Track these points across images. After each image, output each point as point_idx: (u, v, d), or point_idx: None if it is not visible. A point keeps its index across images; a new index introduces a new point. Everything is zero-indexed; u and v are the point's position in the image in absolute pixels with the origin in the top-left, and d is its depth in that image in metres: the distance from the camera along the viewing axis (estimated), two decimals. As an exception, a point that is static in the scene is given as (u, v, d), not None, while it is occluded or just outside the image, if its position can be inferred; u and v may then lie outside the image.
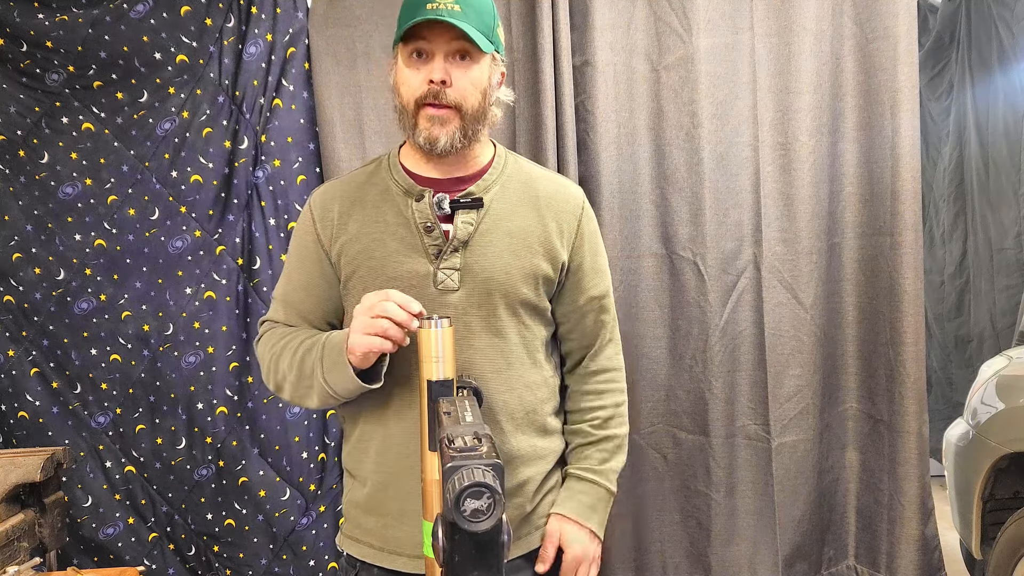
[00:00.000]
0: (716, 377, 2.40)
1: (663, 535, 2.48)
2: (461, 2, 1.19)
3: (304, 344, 1.24)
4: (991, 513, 2.31)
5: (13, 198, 2.36)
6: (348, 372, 1.15)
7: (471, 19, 1.19)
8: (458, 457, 0.82)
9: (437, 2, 1.18)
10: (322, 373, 1.19)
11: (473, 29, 1.19)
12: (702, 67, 2.35)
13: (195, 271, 2.40)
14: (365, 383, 1.17)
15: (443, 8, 1.17)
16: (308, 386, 1.22)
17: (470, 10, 1.20)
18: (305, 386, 1.23)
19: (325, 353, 1.19)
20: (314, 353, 1.21)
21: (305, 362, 1.22)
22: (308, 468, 2.45)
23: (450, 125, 1.22)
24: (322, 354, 1.19)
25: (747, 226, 2.41)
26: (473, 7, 1.20)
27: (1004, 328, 3.71)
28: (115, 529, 2.42)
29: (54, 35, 2.30)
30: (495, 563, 0.82)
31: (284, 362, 1.26)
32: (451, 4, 1.18)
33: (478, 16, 1.21)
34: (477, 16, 1.20)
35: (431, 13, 1.17)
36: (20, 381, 2.38)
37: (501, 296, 1.27)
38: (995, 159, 3.74)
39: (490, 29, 1.23)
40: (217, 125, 2.37)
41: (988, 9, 3.70)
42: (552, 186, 1.36)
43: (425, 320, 1.10)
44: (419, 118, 1.22)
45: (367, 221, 1.28)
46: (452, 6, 1.18)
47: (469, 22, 1.19)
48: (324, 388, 1.20)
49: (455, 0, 1.18)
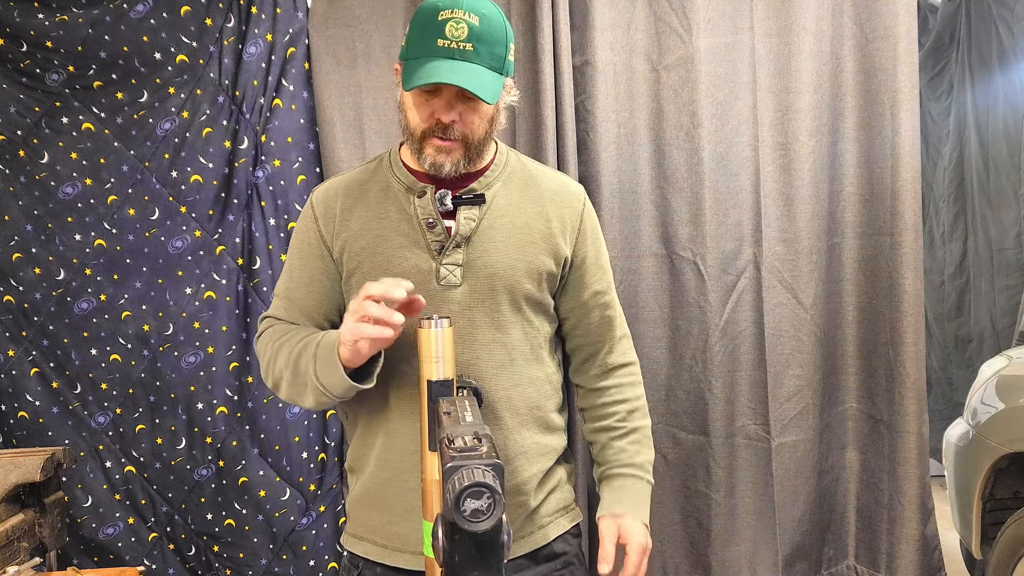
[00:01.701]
0: (716, 377, 2.40)
1: (663, 535, 2.48)
2: (474, 38, 1.15)
3: (300, 343, 1.24)
4: (991, 513, 2.31)
5: (13, 198, 2.36)
6: (339, 372, 1.15)
7: (483, 57, 1.17)
8: (458, 457, 0.82)
9: (449, 39, 1.15)
10: (315, 373, 1.19)
11: (486, 72, 1.16)
12: (702, 67, 2.35)
13: (195, 271, 2.40)
14: (358, 382, 1.17)
15: (455, 48, 1.15)
16: (303, 385, 1.22)
17: (483, 46, 1.16)
18: (300, 385, 1.23)
19: (319, 353, 1.19)
20: (308, 352, 1.21)
21: (300, 361, 1.22)
22: (308, 468, 2.45)
23: (455, 154, 1.23)
24: (315, 353, 1.19)
25: (747, 226, 2.41)
26: (486, 40, 1.17)
27: (1004, 328, 3.71)
28: (115, 529, 2.43)
29: (54, 35, 2.30)
30: (495, 563, 0.82)
31: (280, 360, 1.26)
32: (463, 42, 1.15)
33: (490, 51, 1.17)
34: (489, 51, 1.17)
35: (442, 55, 1.15)
36: (20, 381, 2.38)
37: (504, 292, 1.27)
38: (995, 159, 3.74)
39: (502, 60, 1.20)
40: (217, 125, 2.37)
41: (988, 9, 3.70)
42: (554, 183, 1.36)
43: (425, 320, 1.10)
44: (425, 146, 1.23)
45: (370, 218, 1.28)
46: (465, 45, 1.15)
47: (481, 62, 1.16)
48: (318, 388, 1.19)
49: (468, 37, 1.15)
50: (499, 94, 1.20)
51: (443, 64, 1.15)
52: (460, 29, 1.15)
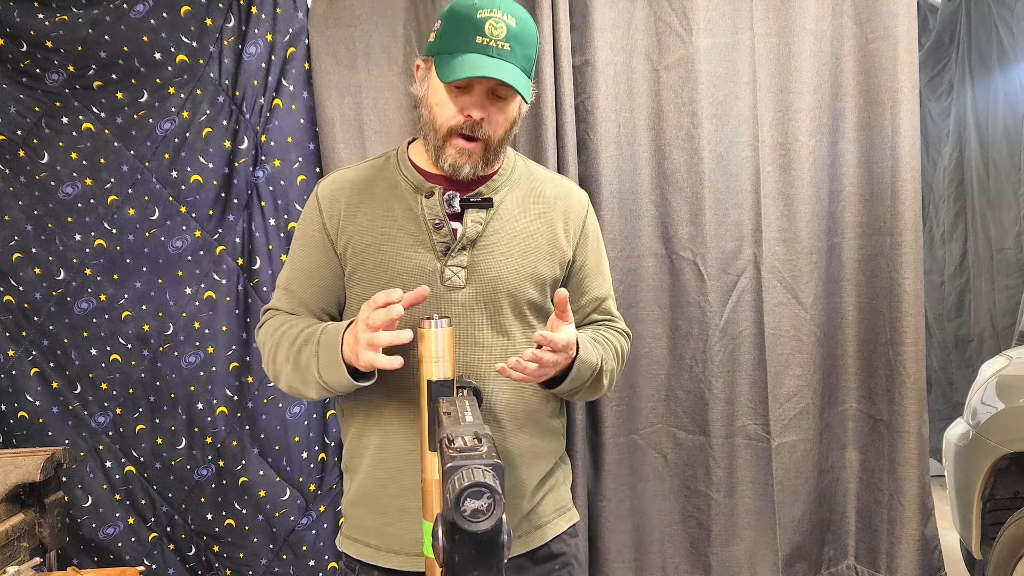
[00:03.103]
0: (716, 377, 2.40)
1: (663, 535, 2.48)
2: (511, 38, 1.17)
3: (301, 335, 1.24)
4: (991, 513, 2.31)
5: (13, 198, 2.36)
6: (343, 372, 1.16)
7: (518, 58, 1.19)
8: (458, 457, 0.82)
9: (488, 37, 1.17)
10: (318, 369, 1.19)
11: (520, 72, 1.18)
12: (702, 67, 2.35)
13: (195, 271, 2.40)
14: (358, 380, 1.18)
15: (492, 46, 1.16)
16: (304, 379, 1.23)
17: (518, 47, 1.19)
18: (301, 378, 1.24)
19: (321, 349, 1.19)
20: (309, 349, 1.21)
21: (301, 355, 1.22)
22: (308, 468, 2.45)
23: (475, 156, 1.24)
24: (318, 350, 1.20)
25: (747, 226, 2.41)
26: (522, 41, 1.19)
27: (1004, 328, 3.71)
28: (115, 529, 2.43)
29: (54, 35, 2.30)
30: (495, 563, 0.82)
31: (281, 353, 1.26)
32: (502, 41, 1.17)
33: (524, 52, 1.20)
34: (523, 52, 1.20)
35: (480, 51, 1.16)
36: (20, 381, 2.38)
37: (507, 296, 1.27)
38: (995, 159, 3.74)
39: (532, 63, 1.23)
40: (217, 125, 2.37)
41: (988, 9, 3.70)
42: (559, 188, 1.38)
43: (425, 320, 1.10)
44: (448, 145, 1.24)
45: (376, 215, 1.28)
46: (503, 44, 1.17)
47: (516, 62, 1.18)
48: (320, 383, 1.21)
49: (506, 36, 1.17)
50: (531, 95, 1.22)
51: (483, 60, 1.16)
52: (499, 29, 1.17)
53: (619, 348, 1.38)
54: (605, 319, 1.42)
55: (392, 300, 1.08)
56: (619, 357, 1.38)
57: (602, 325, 1.41)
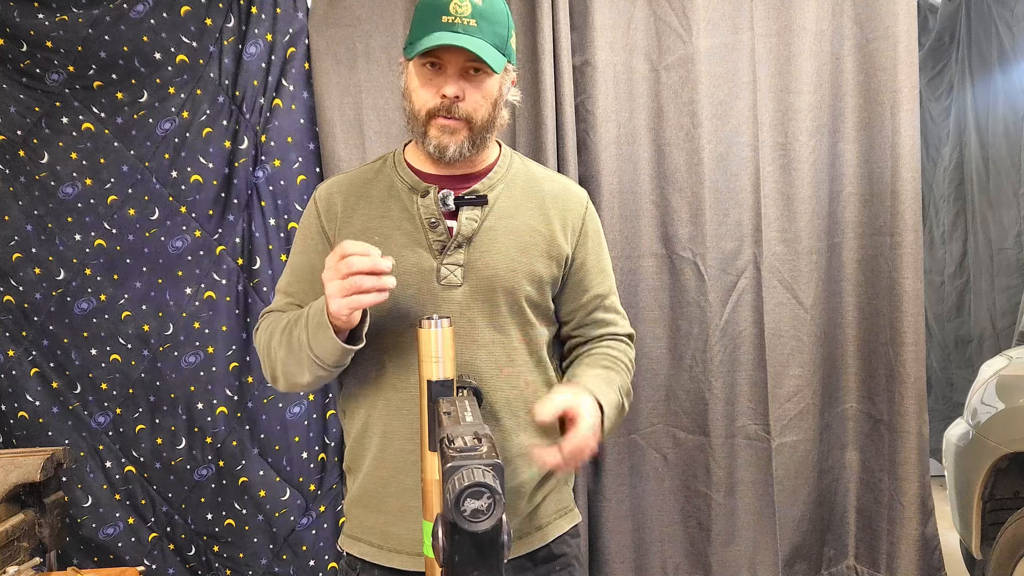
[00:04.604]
0: (716, 377, 2.40)
1: (663, 535, 2.48)
2: (477, 15, 1.18)
3: (292, 318, 1.24)
4: (991, 513, 2.31)
5: (13, 198, 2.36)
6: (330, 333, 1.14)
7: (486, 34, 1.19)
8: (458, 457, 0.82)
9: (453, 15, 1.17)
10: (308, 343, 1.18)
11: (488, 46, 1.18)
12: (702, 67, 2.35)
13: (195, 271, 2.40)
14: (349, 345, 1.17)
15: (459, 23, 1.17)
16: (297, 360, 1.22)
17: (485, 24, 1.19)
18: (295, 360, 1.22)
19: (309, 320, 1.18)
20: (300, 324, 1.21)
21: (293, 335, 1.22)
22: (308, 468, 2.44)
23: (459, 135, 1.23)
24: (307, 322, 1.19)
25: (747, 226, 2.41)
26: (488, 19, 1.19)
27: (1004, 328, 3.71)
28: (115, 529, 2.42)
29: (54, 35, 2.30)
30: (495, 563, 0.82)
31: (275, 340, 1.26)
32: (467, 18, 1.17)
33: (492, 29, 1.20)
34: (491, 29, 1.20)
35: (446, 28, 1.16)
36: (20, 381, 2.38)
37: (504, 293, 1.27)
38: (995, 159, 3.74)
39: (504, 40, 1.22)
40: (217, 125, 2.37)
41: (988, 9, 3.70)
42: (556, 185, 1.37)
43: (425, 320, 1.10)
44: (430, 127, 1.23)
45: (372, 216, 1.29)
46: (468, 20, 1.17)
47: (484, 37, 1.18)
48: (312, 359, 1.19)
49: (471, 14, 1.17)
50: (503, 66, 1.21)
51: (447, 35, 1.17)
52: (464, 7, 1.18)
53: (627, 363, 1.38)
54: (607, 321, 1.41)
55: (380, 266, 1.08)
56: (629, 371, 1.38)
57: (605, 341, 1.39)
